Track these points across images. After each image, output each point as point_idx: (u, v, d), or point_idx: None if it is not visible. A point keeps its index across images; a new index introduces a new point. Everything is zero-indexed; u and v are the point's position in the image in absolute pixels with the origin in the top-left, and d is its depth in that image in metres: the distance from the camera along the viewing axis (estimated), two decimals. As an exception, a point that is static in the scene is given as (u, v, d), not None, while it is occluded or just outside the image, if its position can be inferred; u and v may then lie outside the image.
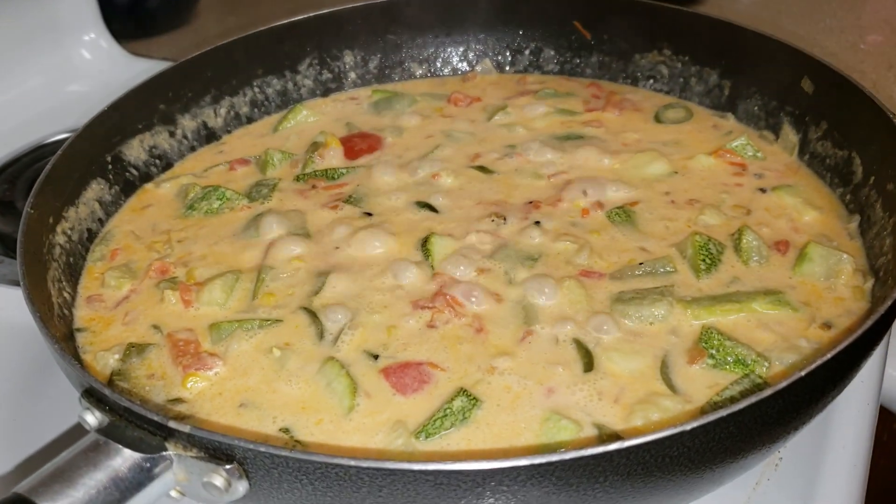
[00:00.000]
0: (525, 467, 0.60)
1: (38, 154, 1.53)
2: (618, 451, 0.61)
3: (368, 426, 0.79)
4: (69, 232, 1.02)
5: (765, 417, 0.66)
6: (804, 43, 1.78)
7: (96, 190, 1.09)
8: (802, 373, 0.65)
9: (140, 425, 0.67)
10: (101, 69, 1.81)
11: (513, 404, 0.81)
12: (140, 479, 0.65)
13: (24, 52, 1.71)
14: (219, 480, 0.65)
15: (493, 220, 1.04)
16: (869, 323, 0.69)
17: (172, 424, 0.65)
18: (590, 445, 0.61)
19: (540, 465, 0.60)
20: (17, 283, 1.20)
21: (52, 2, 1.76)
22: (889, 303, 0.70)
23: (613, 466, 0.62)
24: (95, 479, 0.63)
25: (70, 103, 1.70)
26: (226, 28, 2.05)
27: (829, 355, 0.66)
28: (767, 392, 0.64)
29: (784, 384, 0.65)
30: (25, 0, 1.71)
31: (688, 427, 0.62)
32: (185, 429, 0.65)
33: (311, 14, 1.31)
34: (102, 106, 1.11)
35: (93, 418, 0.70)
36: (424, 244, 1.00)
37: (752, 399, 0.63)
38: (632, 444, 0.61)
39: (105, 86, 1.75)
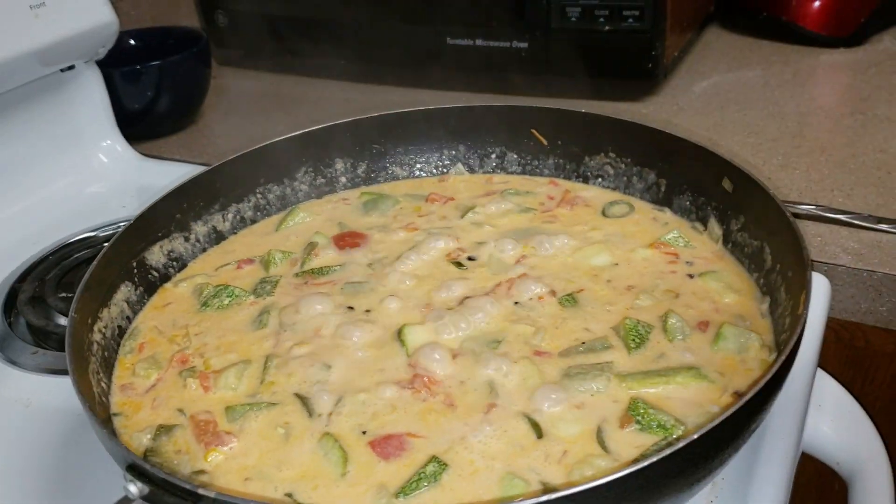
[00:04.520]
0: (476, 517, 0.78)
1: (64, 253, 1.71)
2: (547, 502, 0.78)
3: (357, 490, 0.97)
4: (104, 330, 1.20)
5: (667, 472, 0.84)
6: (748, 129, 2.00)
7: (124, 292, 1.28)
8: (695, 436, 0.83)
9: (175, 493, 0.85)
10: (117, 170, 2.00)
11: (475, 469, 0.98)
12: (176, 536, 0.82)
13: (48, 159, 1.91)
14: (238, 536, 0.82)
15: (462, 310, 1.22)
16: (748, 396, 0.87)
17: (201, 491, 0.83)
18: (527, 497, 0.79)
19: (487, 514, 0.78)
20: (50, 372, 1.39)
21: (72, 113, 1.97)
22: (766, 379, 0.88)
23: (547, 514, 0.80)
24: (142, 537, 0.81)
25: (90, 204, 1.89)
26: (229, 125, 2.27)
27: (715, 423, 0.84)
28: (665, 452, 0.81)
29: (681, 445, 0.82)
30: (49, 112, 1.92)
31: (603, 481, 0.79)
32: (211, 494, 0.82)
33: (308, 129, 1.52)
34: (129, 219, 1.31)
35: (135, 488, 0.88)
36: (399, 334, 1.18)
37: (653, 458, 0.81)
38: (558, 496, 0.78)
39: (121, 186, 1.95)
